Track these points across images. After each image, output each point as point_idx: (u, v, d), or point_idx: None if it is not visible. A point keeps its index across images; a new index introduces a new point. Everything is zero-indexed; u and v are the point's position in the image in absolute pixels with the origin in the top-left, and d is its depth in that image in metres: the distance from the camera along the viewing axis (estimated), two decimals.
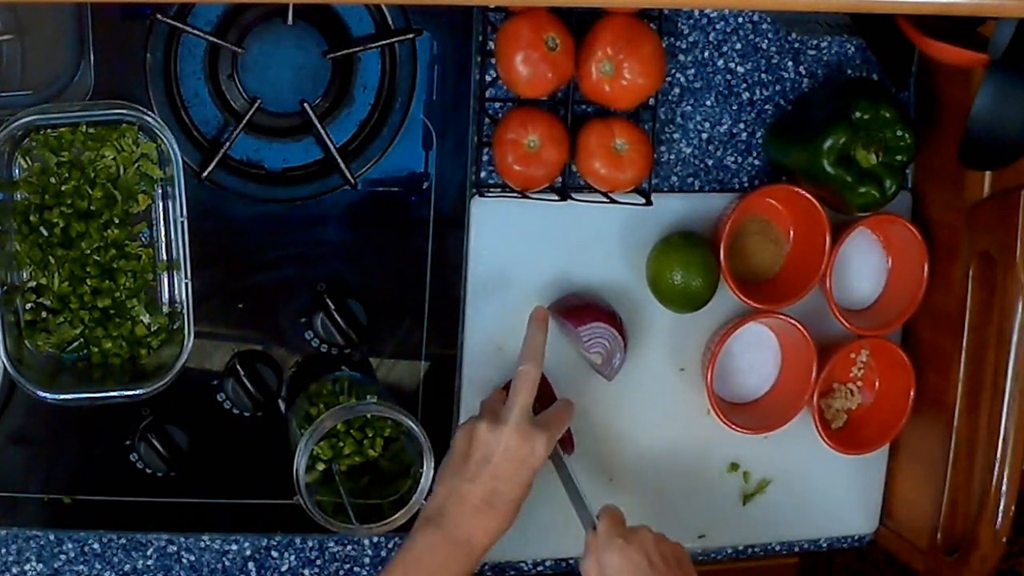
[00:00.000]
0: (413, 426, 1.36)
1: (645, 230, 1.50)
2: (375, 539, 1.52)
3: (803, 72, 1.54)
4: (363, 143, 1.43)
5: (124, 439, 1.41)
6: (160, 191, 1.37)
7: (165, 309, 1.38)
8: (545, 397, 1.46)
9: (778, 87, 1.53)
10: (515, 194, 1.46)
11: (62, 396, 1.32)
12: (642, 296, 1.50)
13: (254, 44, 1.37)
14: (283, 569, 1.50)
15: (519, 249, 1.48)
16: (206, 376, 1.43)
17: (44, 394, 1.31)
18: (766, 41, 1.52)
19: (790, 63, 1.53)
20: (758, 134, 1.54)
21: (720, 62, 1.51)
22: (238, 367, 1.42)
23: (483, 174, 1.47)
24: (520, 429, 1.34)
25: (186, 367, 1.34)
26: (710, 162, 1.53)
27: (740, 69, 1.52)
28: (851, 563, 1.92)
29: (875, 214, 1.49)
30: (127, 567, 1.46)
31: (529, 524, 1.38)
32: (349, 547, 1.52)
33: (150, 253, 1.38)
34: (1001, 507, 1.43)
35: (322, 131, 1.40)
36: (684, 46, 1.50)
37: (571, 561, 1.55)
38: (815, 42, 1.53)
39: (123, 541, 1.46)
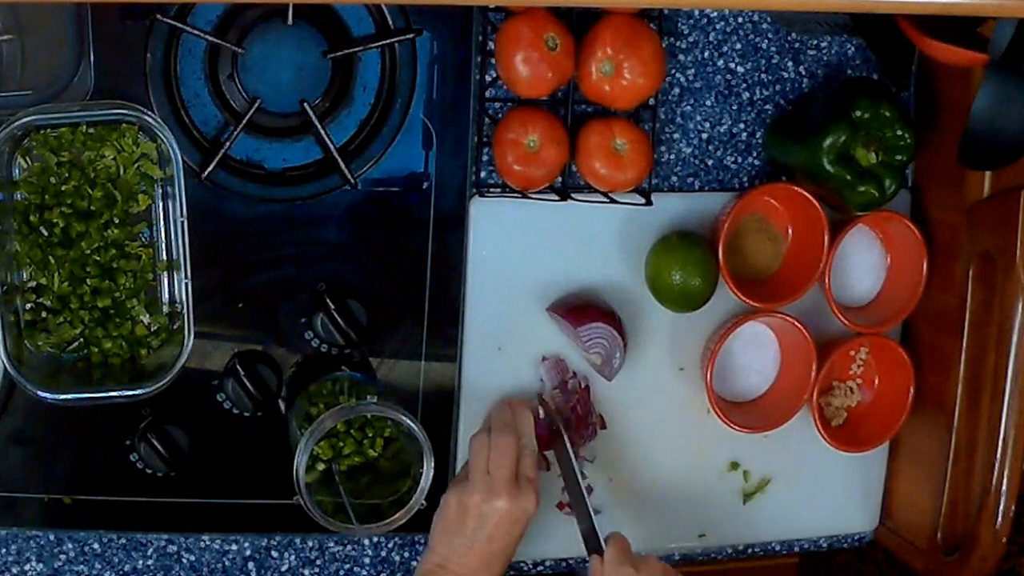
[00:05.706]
0: (413, 426, 1.36)
1: (645, 230, 1.50)
2: (375, 539, 1.52)
3: (803, 72, 1.53)
4: (363, 143, 1.43)
5: (124, 439, 1.41)
6: (160, 191, 1.37)
7: (165, 309, 1.38)
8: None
9: (778, 87, 1.53)
10: (515, 194, 1.46)
11: (62, 396, 1.33)
12: (642, 296, 1.50)
13: (254, 44, 1.37)
14: (283, 569, 1.50)
15: (519, 249, 1.48)
16: (206, 376, 1.42)
17: (44, 394, 1.31)
18: (766, 41, 1.52)
19: (790, 63, 1.53)
20: (758, 134, 1.53)
21: (720, 62, 1.51)
22: (238, 367, 1.42)
23: (483, 174, 1.47)
24: (509, 495, 1.36)
25: (186, 367, 1.34)
26: (710, 162, 1.53)
27: (740, 69, 1.51)
28: (851, 563, 1.92)
29: (873, 211, 1.49)
30: (127, 567, 1.46)
31: (529, 525, 1.39)
32: (349, 547, 1.52)
33: (150, 253, 1.38)
34: (1001, 507, 1.43)
35: (322, 131, 1.40)
36: (684, 46, 1.50)
37: (571, 561, 1.55)
38: (815, 42, 1.53)
39: (123, 541, 1.46)
